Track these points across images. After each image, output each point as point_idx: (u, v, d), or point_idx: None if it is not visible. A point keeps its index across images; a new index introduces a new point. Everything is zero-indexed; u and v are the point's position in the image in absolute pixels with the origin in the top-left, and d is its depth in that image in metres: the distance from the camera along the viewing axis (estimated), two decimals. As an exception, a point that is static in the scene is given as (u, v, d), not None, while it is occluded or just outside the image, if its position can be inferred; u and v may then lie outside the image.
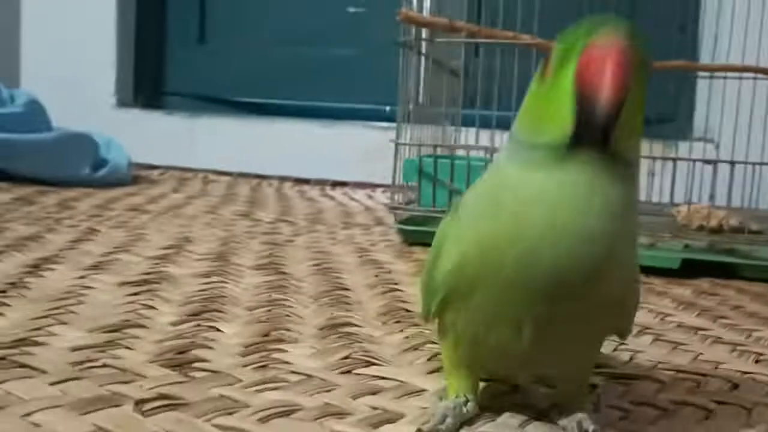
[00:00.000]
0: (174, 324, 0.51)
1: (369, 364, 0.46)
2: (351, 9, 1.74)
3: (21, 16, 1.81)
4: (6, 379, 0.39)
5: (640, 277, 0.36)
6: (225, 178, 1.59)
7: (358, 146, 1.56)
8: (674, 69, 1.02)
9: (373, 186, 1.53)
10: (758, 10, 1.10)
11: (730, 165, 0.85)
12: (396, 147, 0.92)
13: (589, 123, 0.29)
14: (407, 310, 0.59)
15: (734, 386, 0.46)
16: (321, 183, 1.60)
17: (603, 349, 0.50)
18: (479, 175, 0.37)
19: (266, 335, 0.50)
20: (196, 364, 0.44)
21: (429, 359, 0.47)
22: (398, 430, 0.37)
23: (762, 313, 0.66)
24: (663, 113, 1.45)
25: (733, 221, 0.87)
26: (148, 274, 0.65)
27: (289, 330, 0.52)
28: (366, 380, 0.43)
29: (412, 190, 0.95)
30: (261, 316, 0.55)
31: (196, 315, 0.54)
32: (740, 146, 1.01)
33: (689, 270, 0.79)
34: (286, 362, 0.45)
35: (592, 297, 0.32)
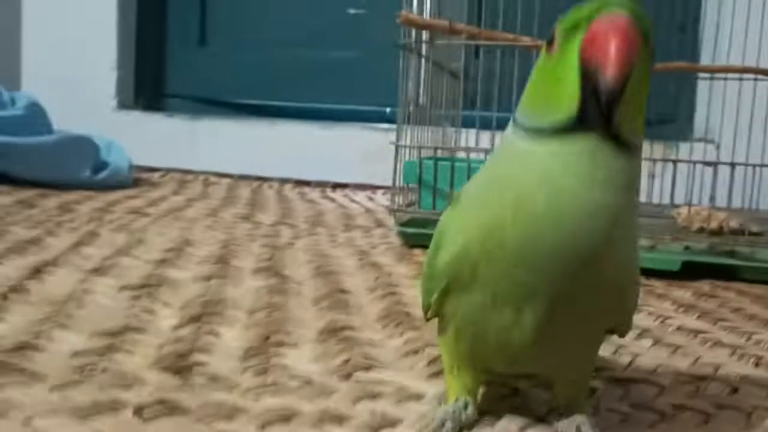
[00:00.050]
0: (174, 328, 0.52)
1: (369, 368, 0.46)
2: (351, 10, 1.74)
3: (22, 17, 1.81)
4: (6, 384, 0.39)
5: (639, 270, 0.36)
6: (226, 180, 1.59)
7: (359, 148, 1.56)
8: (675, 70, 1.02)
9: (374, 188, 1.53)
10: (758, 11, 1.10)
11: (731, 167, 0.85)
12: (396, 149, 0.92)
13: (595, 97, 0.29)
14: (407, 314, 0.59)
15: (734, 390, 0.46)
16: (322, 185, 1.60)
17: (603, 352, 0.51)
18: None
19: (266, 339, 0.50)
20: (196, 369, 0.44)
21: (429, 363, 0.47)
22: (397, 435, 0.37)
23: (762, 316, 0.66)
24: (664, 114, 1.45)
25: (733, 223, 0.87)
26: (148, 277, 0.65)
27: (289, 334, 0.52)
28: (366, 384, 0.43)
29: (412, 191, 0.95)
30: (261, 319, 0.55)
31: (196, 319, 0.54)
32: (741, 147, 1.01)
33: (690, 272, 0.79)
34: (286, 366, 0.45)
35: (593, 277, 0.32)
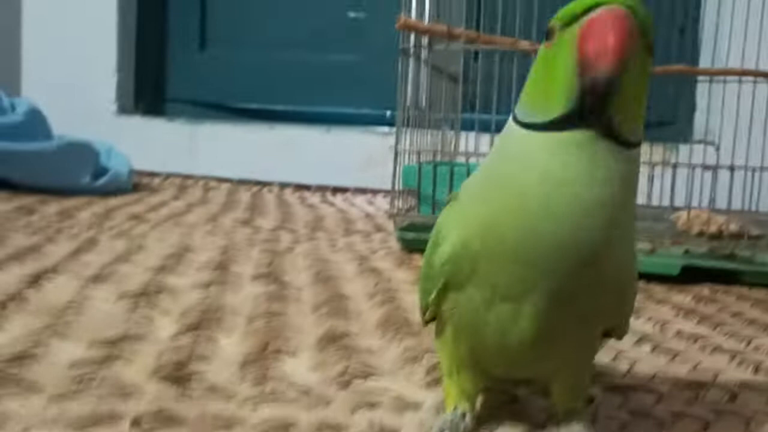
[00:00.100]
0: (173, 336, 0.52)
1: (367, 376, 0.46)
2: (351, 14, 1.74)
3: (22, 22, 1.81)
4: (3, 396, 0.39)
5: (636, 271, 0.36)
6: (225, 185, 1.59)
7: (359, 152, 1.56)
8: (675, 73, 1.02)
9: (374, 192, 1.53)
10: (757, 13, 1.10)
11: (730, 171, 0.85)
12: (395, 154, 0.92)
13: (590, 89, 0.29)
14: (406, 320, 0.59)
15: (733, 396, 0.46)
16: (322, 189, 1.60)
17: (602, 359, 0.51)
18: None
19: (265, 347, 0.50)
20: (195, 378, 0.44)
21: (428, 371, 0.47)
22: (395, 444, 0.37)
23: (762, 320, 0.66)
24: (663, 116, 1.45)
25: (732, 227, 0.87)
26: (147, 284, 0.65)
27: (287, 341, 0.52)
28: (364, 393, 0.43)
29: (412, 195, 0.95)
30: (260, 327, 0.55)
31: (195, 327, 0.54)
32: (740, 149, 1.01)
33: (689, 276, 0.79)
34: (285, 375, 0.45)
35: (592, 274, 0.32)
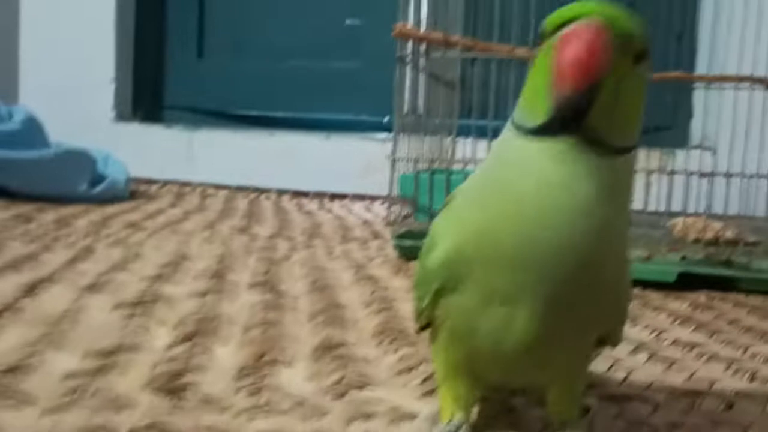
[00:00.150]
0: (168, 347, 0.51)
1: (363, 386, 0.46)
2: (348, 21, 1.75)
3: (19, 30, 1.81)
4: (-2, 407, 0.39)
5: (630, 276, 0.36)
6: (223, 192, 1.59)
7: (357, 159, 1.57)
8: (672, 80, 1.02)
9: (373, 198, 1.53)
10: (754, 20, 1.10)
11: (726, 177, 0.85)
12: (392, 162, 0.92)
13: (562, 105, 0.30)
14: (402, 329, 0.59)
15: (729, 406, 0.46)
16: (320, 196, 1.60)
17: (598, 368, 0.51)
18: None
19: (260, 357, 0.50)
20: (189, 389, 0.44)
21: (423, 381, 0.47)
22: (390, 456, 0.37)
23: (758, 328, 0.66)
24: (660, 122, 1.45)
25: (729, 233, 0.87)
26: (143, 294, 0.65)
27: (283, 351, 0.52)
28: (360, 404, 0.43)
29: (409, 203, 0.95)
30: (256, 336, 0.55)
31: (190, 337, 0.54)
32: (737, 155, 1.01)
33: (686, 283, 0.79)
34: (280, 386, 0.45)
35: (587, 279, 0.32)
